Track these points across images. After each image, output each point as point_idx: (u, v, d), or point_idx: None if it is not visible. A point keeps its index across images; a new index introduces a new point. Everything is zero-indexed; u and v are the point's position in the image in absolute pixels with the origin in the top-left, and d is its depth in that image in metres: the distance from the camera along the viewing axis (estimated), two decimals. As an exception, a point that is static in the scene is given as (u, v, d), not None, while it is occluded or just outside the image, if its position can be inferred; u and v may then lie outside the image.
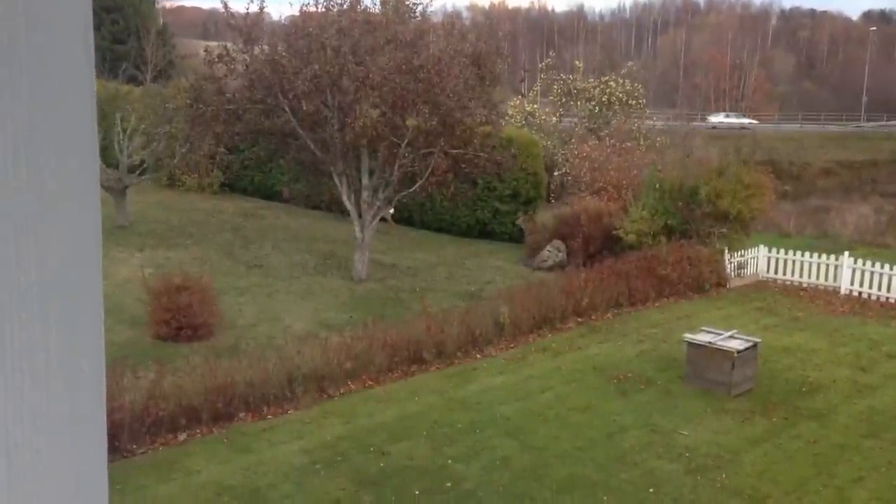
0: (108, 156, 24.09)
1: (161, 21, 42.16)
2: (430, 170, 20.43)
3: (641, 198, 22.76)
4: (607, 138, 32.08)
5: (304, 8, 21.10)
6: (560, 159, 31.64)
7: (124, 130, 23.93)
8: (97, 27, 43.32)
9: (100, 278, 0.88)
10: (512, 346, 16.69)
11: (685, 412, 13.83)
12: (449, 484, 11.28)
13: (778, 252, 22.86)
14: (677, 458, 12.18)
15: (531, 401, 14.18)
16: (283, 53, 20.24)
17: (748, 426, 13.41)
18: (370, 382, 14.71)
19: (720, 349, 14.51)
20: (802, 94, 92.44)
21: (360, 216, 20.82)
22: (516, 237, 25.27)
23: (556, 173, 30.90)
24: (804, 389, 14.95)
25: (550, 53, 39.58)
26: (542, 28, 72.32)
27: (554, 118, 36.78)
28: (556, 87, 37.74)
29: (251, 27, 20.55)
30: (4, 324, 0.81)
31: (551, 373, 15.47)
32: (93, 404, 0.89)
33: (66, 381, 0.86)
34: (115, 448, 12.19)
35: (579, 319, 18.35)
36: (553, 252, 23.26)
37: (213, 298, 16.87)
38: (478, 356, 16.10)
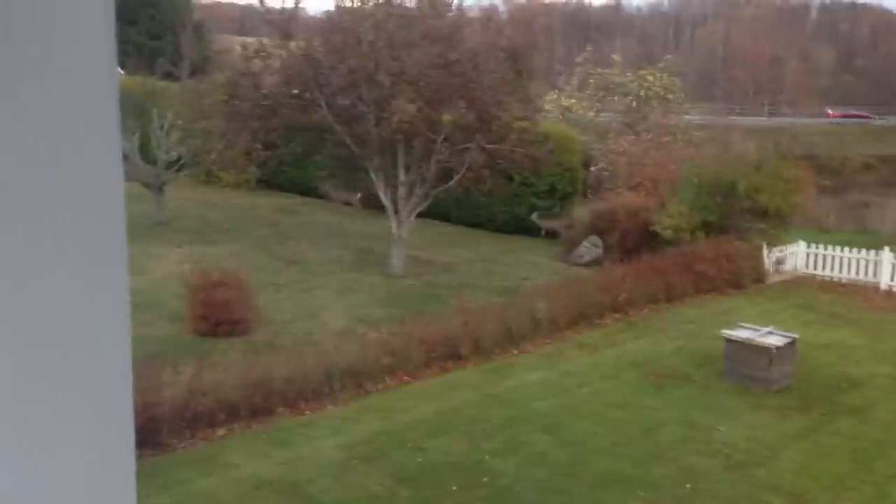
0: (146, 152, 24.33)
1: (196, 16, 42.43)
2: (466, 165, 20.40)
3: (679, 193, 22.56)
4: (645, 133, 31.84)
5: (340, 2, 21.15)
6: (597, 154, 31.44)
7: (161, 127, 24.14)
8: (133, 23, 43.73)
9: (125, 277, 0.88)
10: (548, 342, 16.63)
11: (723, 408, 13.71)
12: (486, 479, 11.28)
13: (817, 247, 22.56)
14: (715, 454, 12.08)
15: (568, 396, 14.13)
16: (319, 48, 20.29)
17: (787, 422, 13.27)
18: (407, 378, 14.70)
19: (758, 345, 14.37)
20: (843, 87, 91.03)
21: (396, 212, 20.85)
22: (553, 232, 25.18)
23: (592, 168, 30.71)
24: (843, 386, 14.76)
25: (587, 48, 39.32)
26: (580, 22, 71.83)
27: (591, 113, 36.55)
28: (593, 81, 37.50)
29: (287, 22, 20.63)
30: (30, 322, 0.82)
31: (588, 369, 15.41)
32: (119, 402, 0.89)
33: (93, 379, 0.87)
34: (157, 443, 12.28)
35: (616, 315, 18.25)
36: (589, 248, 23.14)
37: (250, 294, 16.95)
38: (514, 352, 16.06)
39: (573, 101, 37.21)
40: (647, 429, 12.96)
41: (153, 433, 12.33)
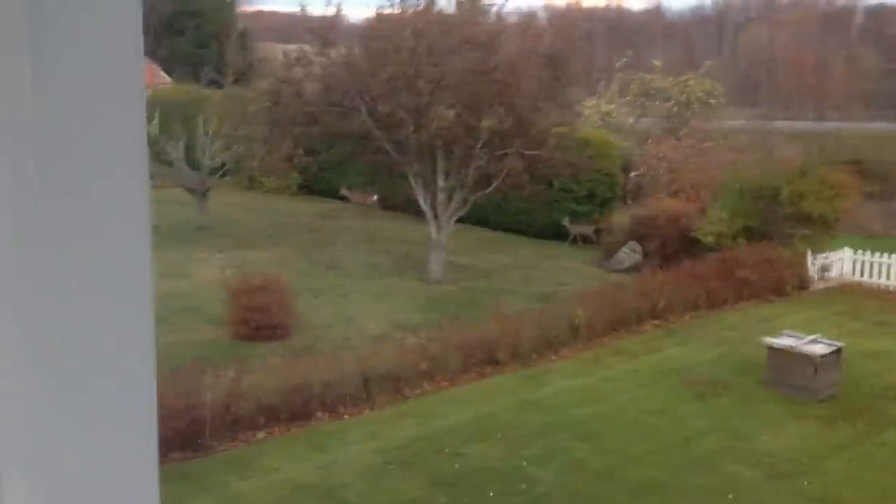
0: (191, 158, 24.65)
1: (241, 25, 42.94)
2: (504, 171, 20.38)
3: (720, 198, 22.33)
4: (685, 138, 31.57)
5: (380, 10, 21.29)
6: (637, 160, 31.22)
7: (206, 133, 24.44)
8: (181, 32, 44.36)
9: (149, 283, 0.89)
10: (587, 348, 16.55)
11: (765, 417, 13.54)
12: (524, 486, 11.25)
13: (863, 254, 22.19)
14: (757, 464, 11.93)
15: (606, 403, 14.05)
16: (359, 55, 20.42)
17: (831, 432, 13.05)
18: (445, 383, 14.72)
19: (802, 354, 14.16)
20: (889, 92, 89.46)
21: (435, 217, 20.89)
22: (592, 239, 25.05)
23: (632, 174, 30.50)
24: (890, 395, 14.49)
25: (627, 53, 39.03)
26: (620, 27, 71.27)
27: (631, 118, 36.31)
28: (633, 86, 37.25)
29: (328, 30, 20.78)
30: (54, 326, 0.82)
31: (627, 376, 15.31)
32: (143, 407, 0.90)
33: (117, 385, 0.87)
34: (198, 445, 12.44)
35: (655, 322, 18.10)
36: (629, 254, 22.99)
37: (290, 299, 17.06)
38: (553, 358, 16.00)
39: (613, 106, 37.00)
40: (686, 437, 12.84)
41: (195, 435, 12.47)
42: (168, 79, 38.67)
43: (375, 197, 27.98)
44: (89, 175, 0.82)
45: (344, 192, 28.25)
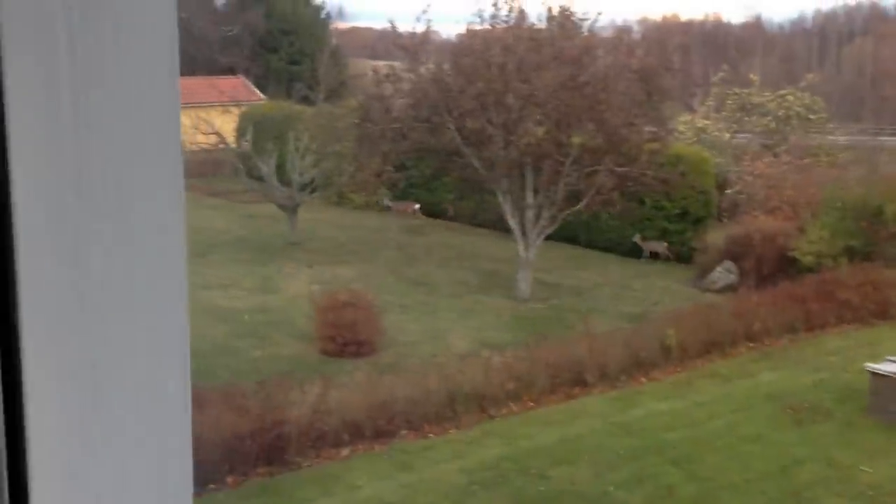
0: (281, 174, 25.05)
1: (334, 42, 43.68)
2: (595, 188, 20.12)
3: (821, 217, 21.58)
4: (784, 155, 30.66)
5: (470, 26, 21.33)
6: (733, 177, 30.45)
7: (297, 149, 24.80)
8: (275, 50, 45.37)
9: (185, 302, 0.90)
10: (678, 370, 16.13)
11: (868, 447, 12.92)
12: (610, 512, 10.96)
13: (977, 276, 21.06)
14: (858, 497, 11.38)
15: (698, 428, 13.69)
16: (449, 72, 20.46)
17: (940, 465, 12.37)
18: (531, 404, 14.58)
19: (908, 380, 13.48)
20: None
21: (523, 234, 20.72)
22: (685, 258, 24.48)
23: (728, 192, 29.74)
24: None
25: (724, 67, 38.22)
26: (718, 41, 69.72)
27: (727, 134, 35.50)
28: (729, 101, 36.45)
29: (417, 46, 20.90)
30: (88, 342, 0.83)
31: (720, 400, 14.88)
32: (178, 425, 0.91)
33: (151, 403, 0.88)
34: (283, 461, 12.55)
35: (751, 344, 17.53)
36: (724, 273, 22.40)
37: (376, 315, 17.14)
38: (642, 380, 15.66)
39: (708, 122, 36.27)
40: (783, 466, 12.36)
41: (280, 451, 12.61)
42: (261, 95, 39.52)
43: (417, 206, 28.19)
44: (127, 194, 0.83)
45: (387, 202, 28.56)
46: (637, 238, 24.58)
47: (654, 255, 24.68)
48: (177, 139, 0.86)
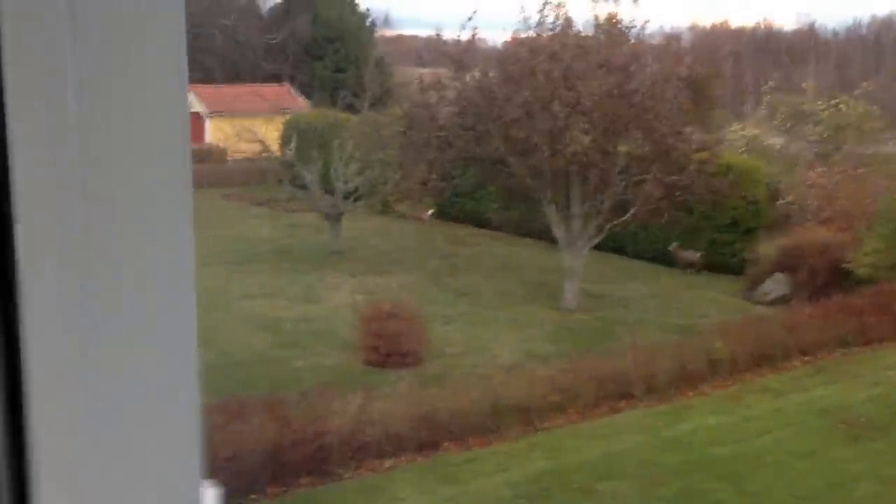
0: (325, 183, 25.07)
1: (379, 50, 43.85)
2: (642, 197, 19.83)
3: (876, 228, 21.04)
4: (837, 164, 30.03)
5: (516, 33, 21.19)
6: (784, 187, 29.90)
7: (341, 158, 24.80)
8: (320, 58, 45.66)
9: (192, 305, 0.90)
10: (728, 384, 15.79)
11: (927, 466, 12.48)
12: (656, 529, 10.71)
13: None
14: (917, 518, 10.98)
15: (748, 444, 13.40)
16: (494, 80, 20.35)
17: None
18: (576, 416, 14.40)
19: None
20: None
21: (569, 244, 20.48)
22: (735, 269, 24.03)
23: (779, 202, 29.19)
24: None
25: (776, 75, 37.65)
26: (769, 48, 68.57)
27: (778, 143, 34.92)
28: (781, 110, 35.85)
29: (463, 54, 20.82)
30: (93, 345, 0.83)
31: (771, 414, 14.55)
32: (186, 429, 0.91)
33: (158, 407, 0.88)
34: (325, 471, 12.51)
35: (804, 358, 17.10)
36: (775, 285, 21.94)
37: (420, 326, 17.04)
38: (690, 394, 15.36)
39: (759, 130, 35.70)
40: (836, 483, 12.03)
41: (322, 462, 12.58)
42: (306, 103, 39.71)
43: (430, 212, 28.20)
44: (134, 199, 0.84)
45: (399, 209, 28.52)
46: (673, 247, 24.20)
47: (690, 266, 24.27)
48: (183, 142, 0.87)
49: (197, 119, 38.89)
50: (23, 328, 0.81)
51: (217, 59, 43.95)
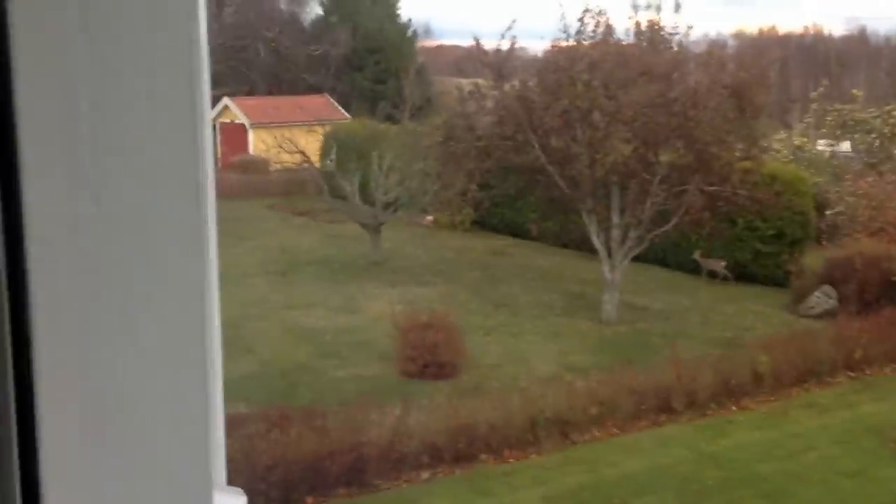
0: (365, 193, 25.10)
1: (420, 60, 44.01)
2: (684, 208, 19.54)
3: (929, 239, 20.54)
4: (889, 173, 29.40)
5: (555, 42, 21.01)
6: (833, 197, 29.34)
7: (380, 168, 24.82)
8: (361, 69, 45.89)
9: (204, 312, 0.89)
10: (772, 399, 15.45)
11: (980, 487, 12.08)
12: (697, 548, 10.48)
13: None
14: (969, 541, 10.60)
15: (792, 461, 13.10)
16: (534, 89, 20.23)
17: None
18: (615, 430, 14.22)
19: None
20: None
21: (609, 255, 20.25)
22: (780, 281, 23.57)
23: (828, 212, 28.64)
24: None
25: (824, 82, 37.00)
26: (818, 54, 67.32)
27: (827, 152, 34.31)
28: (829, 118, 35.26)
29: (502, 63, 20.73)
30: (108, 358, 0.84)
31: (817, 431, 14.20)
32: (196, 434, 0.91)
33: (169, 411, 0.88)
34: (362, 482, 12.51)
35: (851, 374, 16.68)
36: (822, 298, 21.47)
37: (458, 337, 16.95)
38: (733, 408, 15.07)
39: (806, 139, 35.13)
40: (885, 503, 11.64)
41: (359, 473, 12.64)
42: (346, 114, 39.91)
43: (430, 217, 28.18)
44: (146, 203, 0.84)
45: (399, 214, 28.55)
46: (697, 255, 23.78)
47: (713, 275, 23.83)
48: (197, 149, 0.86)
49: (240, 130, 39.32)
50: (34, 334, 0.82)
51: (260, 72, 44.41)
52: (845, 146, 33.91)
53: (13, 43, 0.77)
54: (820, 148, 34.10)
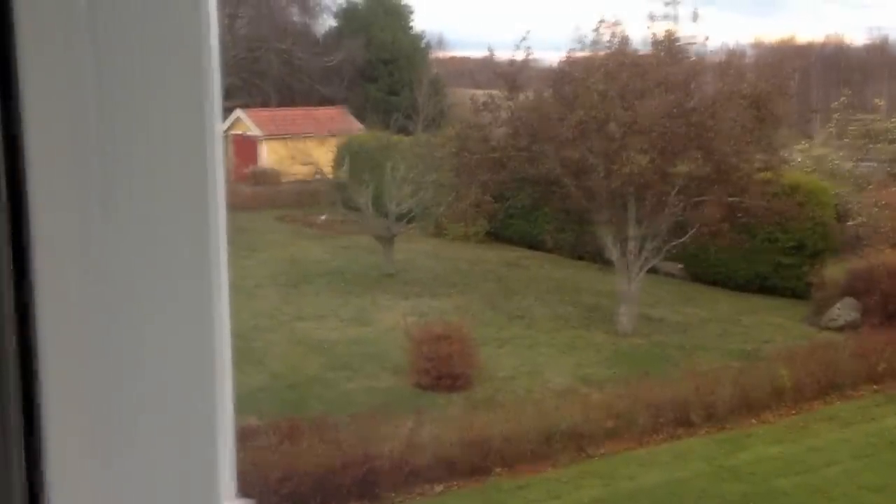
0: (378, 205, 25.01)
1: (433, 71, 43.97)
2: (702, 219, 19.31)
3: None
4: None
5: (570, 52, 20.91)
6: (855, 208, 29.00)
7: (394, 179, 24.73)
8: (374, 80, 45.89)
9: (215, 321, 0.89)
10: (792, 412, 15.20)
11: None
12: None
13: None
14: None
15: (813, 475, 12.86)
16: (548, 99, 20.09)
17: None
18: (632, 444, 14.04)
19: None
20: None
21: (626, 267, 20.03)
22: (801, 293, 23.25)
23: (849, 223, 28.30)
24: None
25: (845, 91, 36.68)
26: (839, 64, 66.65)
27: (849, 163, 33.98)
28: (851, 128, 34.95)
29: (516, 74, 20.61)
30: (110, 354, 0.84)
31: (838, 445, 13.93)
32: (203, 437, 0.90)
33: (174, 414, 0.88)
34: (375, 495, 12.42)
35: (875, 387, 16.38)
36: (844, 310, 21.15)
37: (472, 349, 16.82)
38: (752, 422, 14.83)
39: (828, 149, 34.81)
40: (911, 519, 11.36)
41: (371, 485, 12.60)
42: (360, 125, 39.88)
43: (324, 217, 28.67)
44: (153, 214, 0.84)
45: (322, 217, 28.78)
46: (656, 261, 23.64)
47: (672, 276, 23.67)
48: (205, 158, 0.86)
49: (253, 142, 39.32)
50: (39, 342, 0.81)
51: (273, 84, 44.47)
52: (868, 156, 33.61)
53: (20, 52, 0.77)
54: (839, 161, 33.82)
